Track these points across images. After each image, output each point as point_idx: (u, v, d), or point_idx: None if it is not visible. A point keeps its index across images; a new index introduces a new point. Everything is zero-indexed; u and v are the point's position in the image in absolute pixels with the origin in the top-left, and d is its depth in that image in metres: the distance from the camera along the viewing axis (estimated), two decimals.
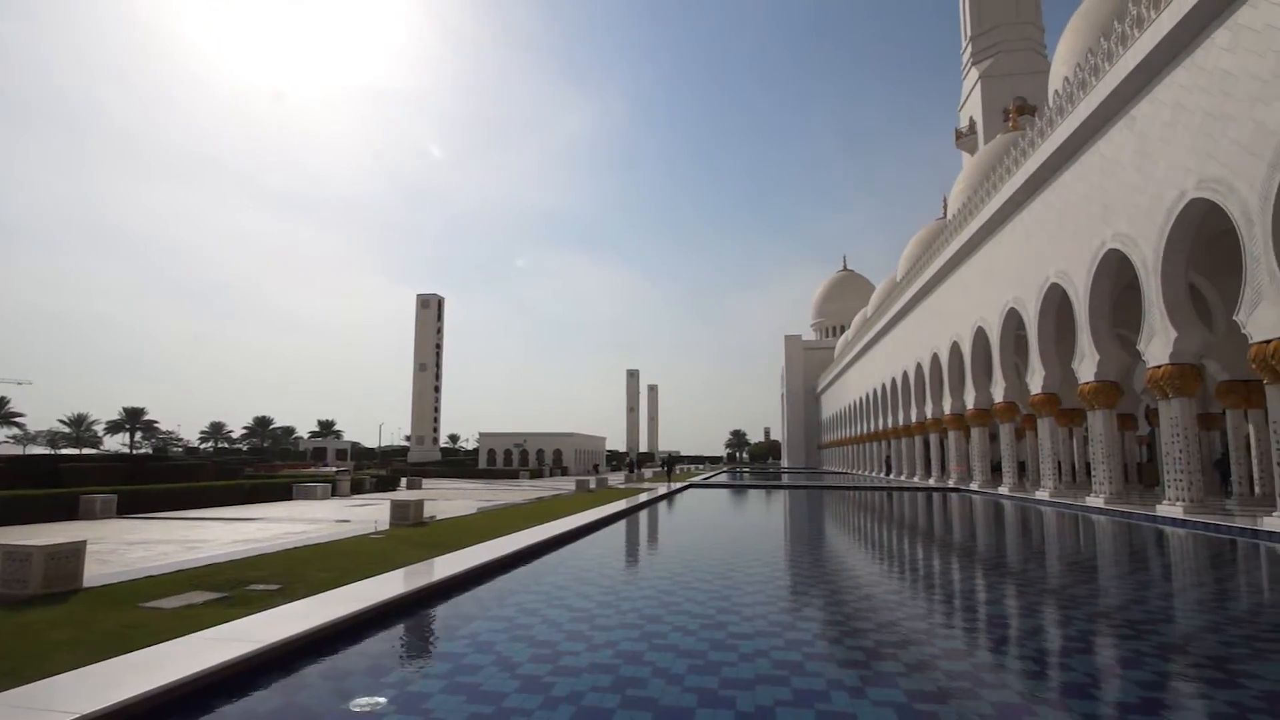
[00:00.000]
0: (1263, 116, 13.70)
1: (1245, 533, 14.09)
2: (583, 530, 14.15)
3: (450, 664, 5.40)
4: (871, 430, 57.55)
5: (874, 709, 4.45)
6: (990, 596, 8.95)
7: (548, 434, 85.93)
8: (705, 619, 6.86)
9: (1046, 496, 24.16)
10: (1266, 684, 5.04)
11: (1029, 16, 67.32)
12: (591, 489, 30.77)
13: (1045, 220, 24.31)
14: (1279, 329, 13.53)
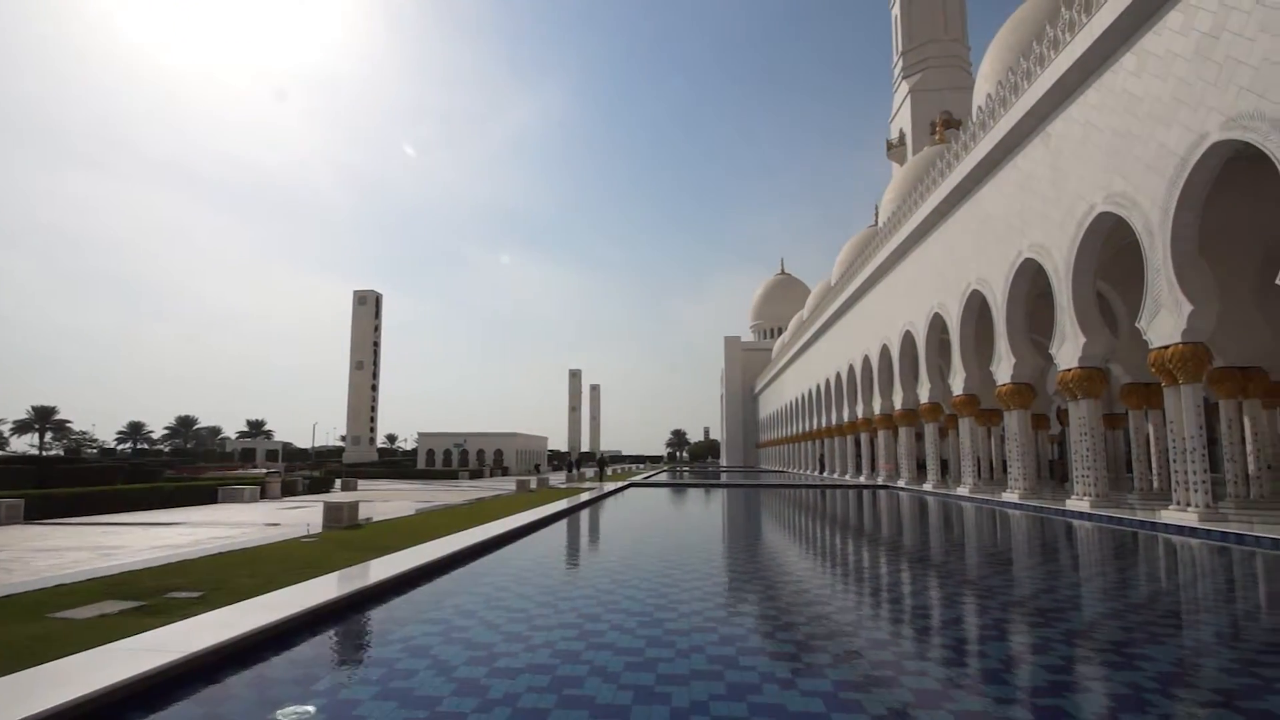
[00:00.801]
0: (1163, 137, 14.62)
1: (1145, 525, 15.01)
2: (522, 531, 14.03)
3: (383, 669, 5.29)
4: (806, 430, 58.86)
5: (803, 699, 4.57)
6: (913, 588, 9.29)
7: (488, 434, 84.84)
8: (643, 617, 6.90)
9: (966, 492, 25.19)
10: (1161, 665, 5.39)
11: (955, 34, 70.04)
12: (532, 489, 30.53)
13: (968, 230, 25.35)
14: (1176, 335, 14.46)
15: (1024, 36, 27.95)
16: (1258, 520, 14.41)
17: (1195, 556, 11.63)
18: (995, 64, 32.03)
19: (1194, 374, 14.49)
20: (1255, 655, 5.86)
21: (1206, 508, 14.16)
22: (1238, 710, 4.43)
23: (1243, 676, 5.19)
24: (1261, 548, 11.81)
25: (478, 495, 28.42)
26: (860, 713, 4.33)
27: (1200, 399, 14.82)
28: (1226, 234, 17.80)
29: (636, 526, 18.03)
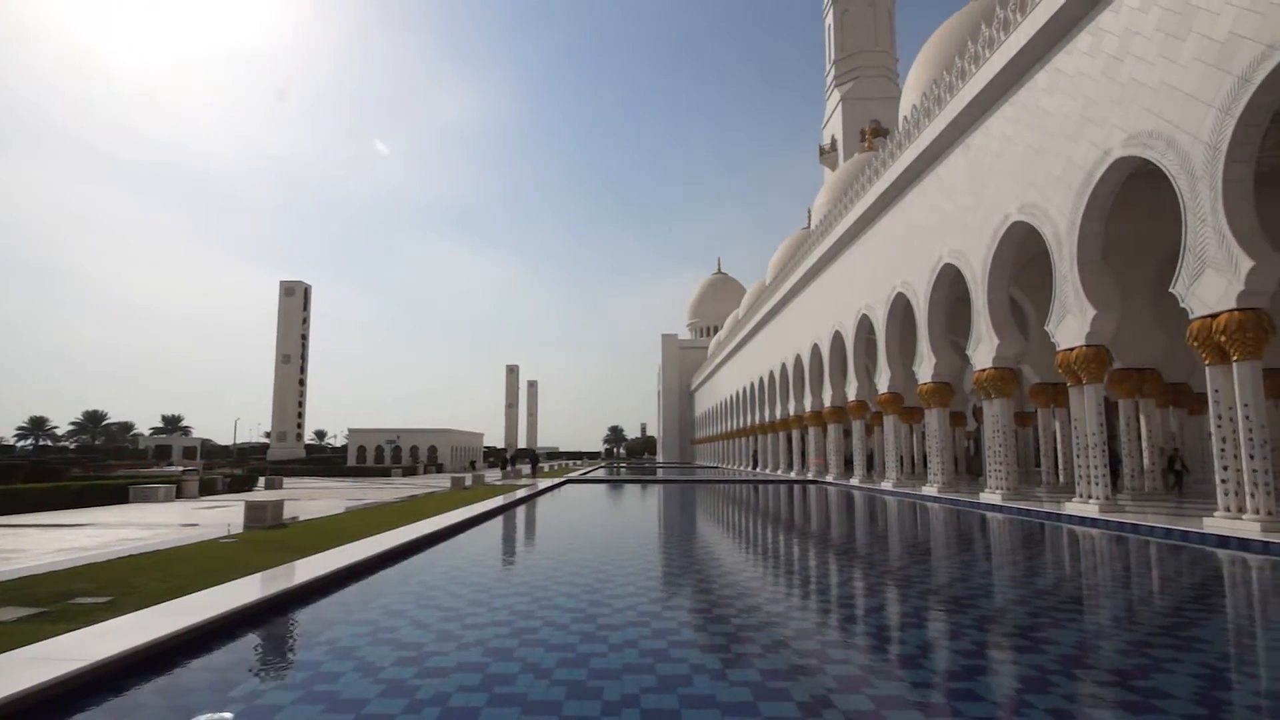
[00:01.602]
0: (1071, 152, 15.46)
1: (1051, 516, 15.86)
2: (456, 529, 13.78)
3: (307, 673, 5.11)
4: (740, 426, 59.82)
5: (731, 689, 4.65)
6: (839, 579, 9.57)
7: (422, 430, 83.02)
8: (577, 612, 6.88)
9: (890, 487, 26.10)
10: (1063, 649, 5.71)
11: (885, 46, 72.26)
12: (467, 486, 30.05)
13: (894, 235, 26.24)
14: (1080, 338, 15.33)
15: (947, 51, 29.08)
16: (1150, 511, 15.43)
17: (1095, 546, 12.37)
18: (920, 76, 33.22)
19: (1096, 375, 15.39)
20: (1147, 637, 6.27)
21: (1106, 500, 15.07)
22: (1132, 689, 4.73)
23: (1136, 657, 5.55)
24: (1154, 537, 12.65)
25: (411, 493, 27.77)
26: (786, 700, 4.43)
27: (1101, 398, 15.76)
28: (1127, 245, 18.98)
29: (573, 523, 17.98)
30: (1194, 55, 12.12)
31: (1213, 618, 7.12)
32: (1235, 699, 4.64)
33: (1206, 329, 11.90)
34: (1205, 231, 11.90)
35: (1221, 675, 5.08)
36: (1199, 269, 12.06)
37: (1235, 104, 11.28)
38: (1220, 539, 11.31)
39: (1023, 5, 16.73)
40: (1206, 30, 11.86)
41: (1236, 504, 11.60)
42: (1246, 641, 6.30)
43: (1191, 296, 12.24)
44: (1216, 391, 11.99)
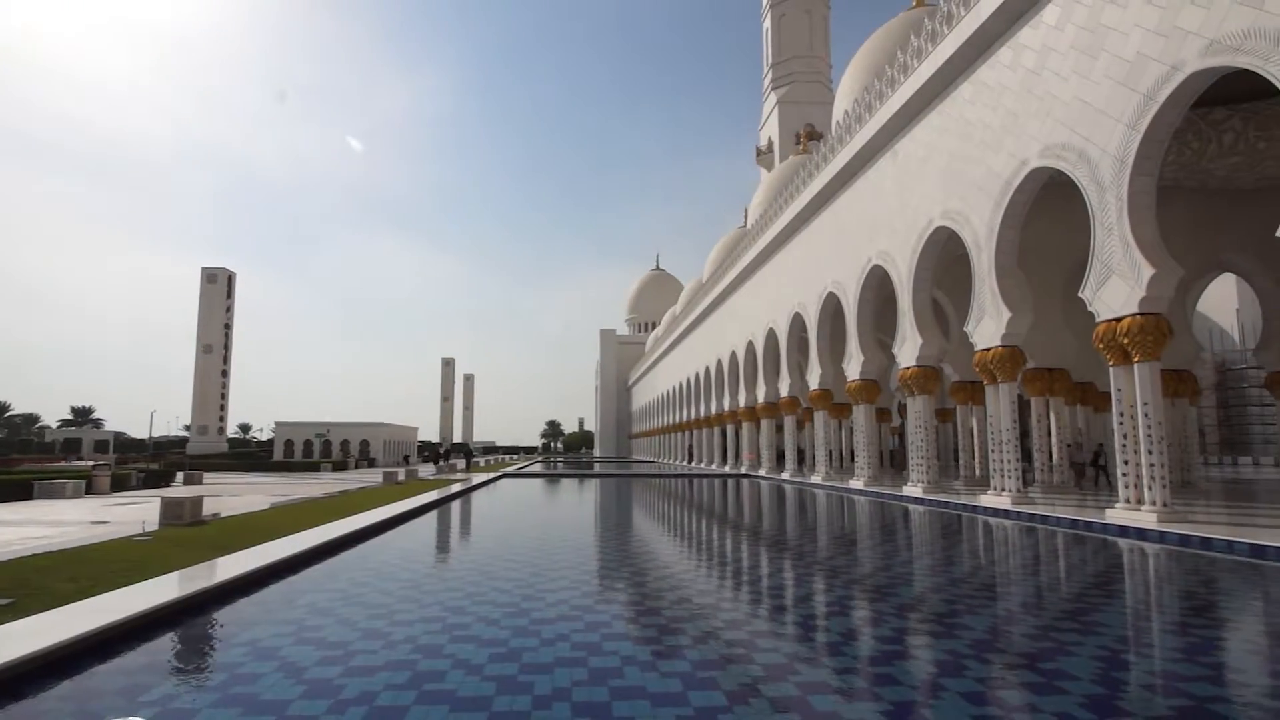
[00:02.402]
0: (991, 162, 16.15)
1: (968, 508, 16.58)
2: (387, 524, 13.44)
3: (225, 674, 4.90)
4: (677, 421, 60.32)
5: (662, 680, 4.69)
6: (769, 570, 9.77)
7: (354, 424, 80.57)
8: (509, 607, 6.81)
9: (819, 480, 26.79)
10: (975, 633, 5.98)
11: (820, 52, 73.85)
12: (400, 481, 29.31)
13: (826, 236, 26.88)
14: (996, 339, 16.05)
15: (879, 60, 29.93)
16: (1058, 503, 16.32)
17: (1008, 536, 12.99)
18: (853, 83, 34.08)
19: (1010, 374, 16.15)
20: (1053, 622, 6.62)
21: (1018, 492, 15.85)
22: (1038, 671, 4.99)
23: (1043, 641, 5.86)
24: (1060, 527, 13.38)
25: (341, 488, 26.92)
26: (715, 689, 4.49)
27: (1015, 396, 16.55)
28: (1040, 251, 19.96)
29: (508, 517, 17.78)
30: (1105, 73, 12.83)
31: (1111, 603, 7.58)
32: (1132, 679, 4.96)
33: (1111, 332, 12.63)
34: (1112, 240, 12.62)
35: (1119, 657, 5.41)
36: (1105, 275, 12.79)
37: (1141, 120, 11.99)
38: (1120, 529, 12.05)
39: (949, 18, 17.35)
40: (1117, 50, 12.57)
41: (1135, 496, 12.37)
42: (1142, 624, 6.73)
43: (1098, 301, 12.97)
44: (1119, 390, 12.75)
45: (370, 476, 39.84)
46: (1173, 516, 11.83)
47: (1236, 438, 46.93)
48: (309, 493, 24.23)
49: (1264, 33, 9.82)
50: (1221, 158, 18.64)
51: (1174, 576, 9.13)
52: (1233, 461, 45.10)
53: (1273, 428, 27.54)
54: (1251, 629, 6.66)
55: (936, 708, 4.26)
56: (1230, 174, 19.69)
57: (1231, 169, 19.32)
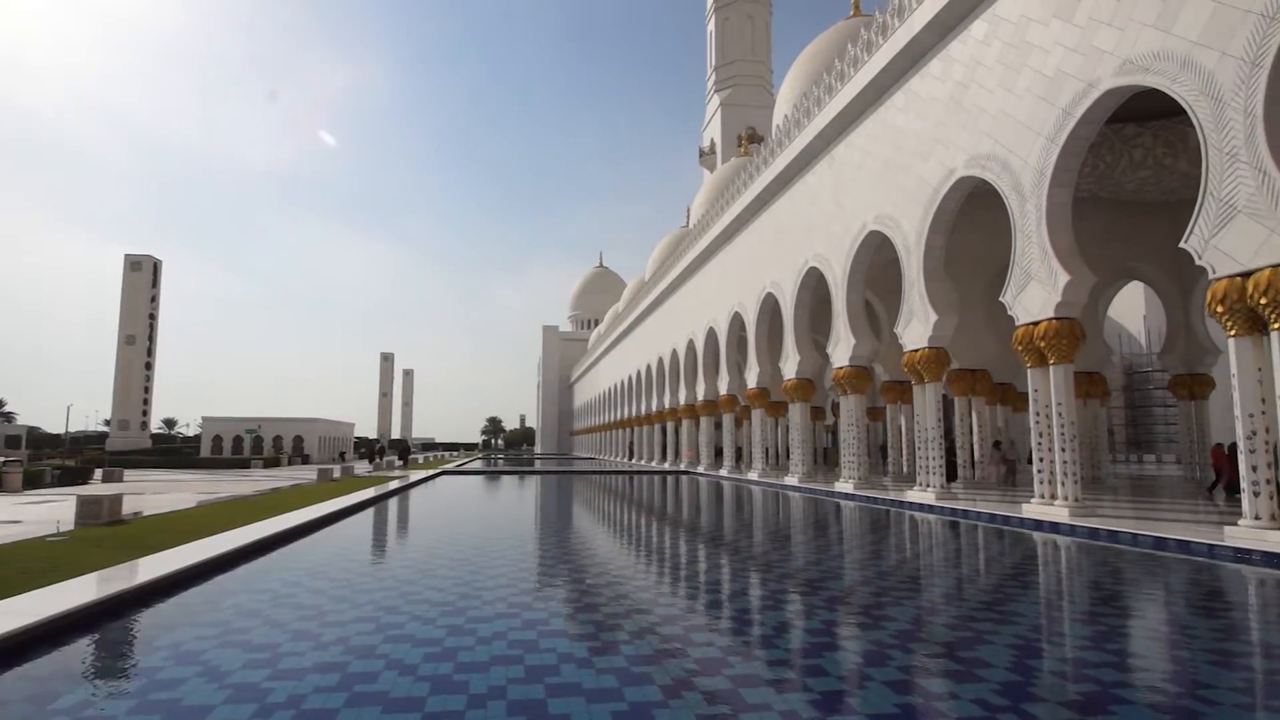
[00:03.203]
0: (921, 170, 16.70)
1: (895, 504, 17.14)
2: (320, 522, 13.02)
3: (144, 680, 4.66)
4: (618, 418, 60.37)
5: (598, 676, 4.68)
6: (706, 565, 9.88)
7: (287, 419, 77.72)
8: (445, 606, 6.69)
9: (756, 477, 27.26)
10: (899, 625, 6.19)
11: (761, 57, 75.00)
12: (335, 478, 28.44)
13: (765, 237, 27.33)
14: (923, 341, 16.62)
15: (817, 67, 30.57)
16: (979, 498, 17.03)
17: (932, 530, 13.49)
18: (792, 89, 34.72)
19: (936, 374, 16.76)
20: (973, 612, 6.91)
21: (941, 488, 16.46)
22: (956, 659, 5.20)
23: (962, 631, 6.10)
24: (981, 521, 13.97)
25: (273, 485, 25.95)
26: (649, 684, 4.51)
27: (940, 396, 17.19)
28: (966, 257, 20.75)
29: (446, 514, 17.48)
30: (1027, 87, 13.42)
31: (1026, 593, 7.96)
32: (1044, 666, 5.21)
33: (1029, 335, 13.24)
34: (1031, 248, 13.23)
35: (1032, 645, 5.68)
36: (1025, 281, 13.40)
37: (1060, 134, 12.60)
38: (1036, 523, 12.66)
39: (884, 29, 17.85)
40: (1038, 66, 13.16)
41: (1050, 491, 13.01)
42: (1054, 614, 7.09)
43: (1017, 305, 13.58)
44: (1036, 391, 13.38)
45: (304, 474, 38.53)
46: (1083, 511, 12.50)
47: (1142, 437, 49.92)
48: (238, 490, 23.28)
49: (1172, 55, 10.45)
50: (1132, 172, 19.75)
51: (1083, 568, 9.64)
52: (1138, 459, 47.98)
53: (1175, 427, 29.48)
54: (1153, 617, 7.10)
55: (862, 697, 4.40)
56: (1140, 188, 20.89)
57: (1141, 183, 20.50)
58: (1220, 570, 8.81)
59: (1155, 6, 10.74)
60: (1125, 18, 11.27)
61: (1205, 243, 9.94)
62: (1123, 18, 11.32)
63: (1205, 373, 22.13)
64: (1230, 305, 9.59)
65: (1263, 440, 9.42)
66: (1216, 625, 6.43)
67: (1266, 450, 9.40)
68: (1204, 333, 22.02)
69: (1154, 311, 42.02)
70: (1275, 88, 9.14)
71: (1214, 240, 9.81)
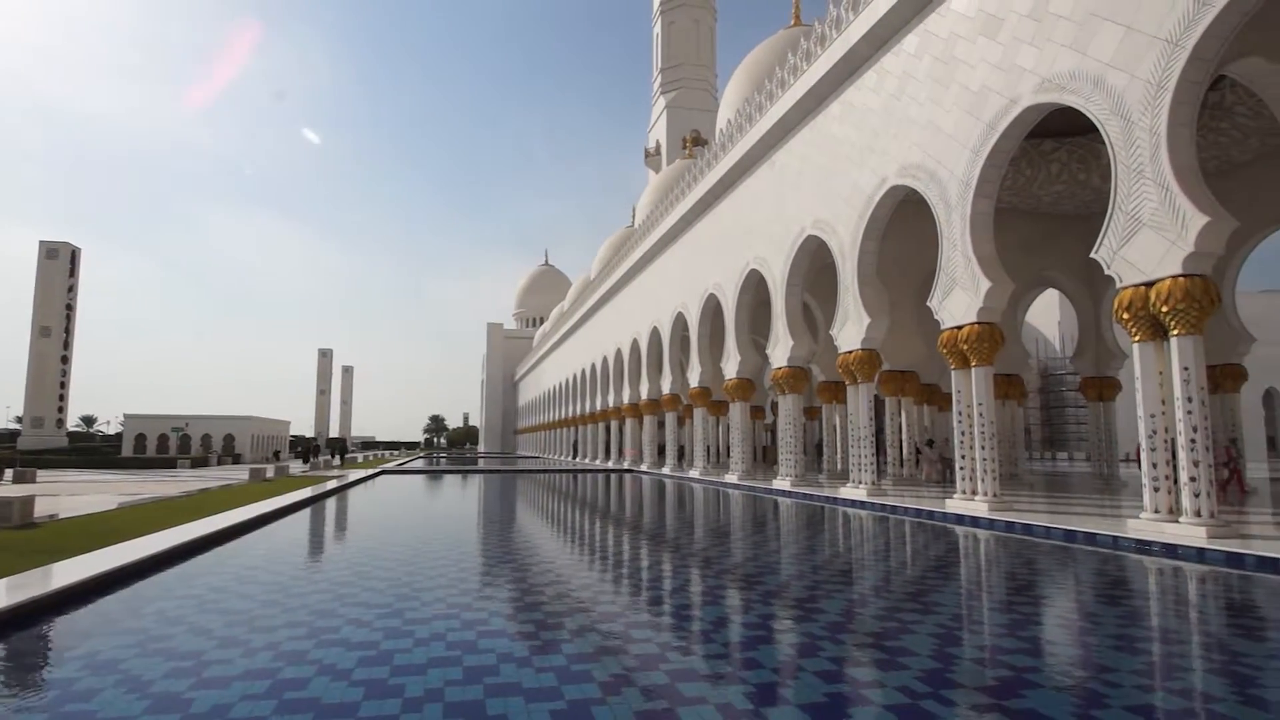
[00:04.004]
0: (856, 177, 17.17)
1: (830, 500, 17.58)
2: (252, 524, 12.52)
3: (57, 692, 4.39)
4: (562, 417, 60.06)
5: (537, 675, 4.65)
6: (647, 562, 9.93)
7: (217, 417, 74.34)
8: (383, 608, 6.53)
9: (698, 475, 27.54)
10: (830, 616, 6.36)
11: (706, 61, 75.69)
12: (268, 479, 27.39)
13: (708, 239, 27.63)
14: (857, 343, 17.10)
15: (759, 73, 31.09)
16: (908, 494, 17.63)
17: (863, 525, 13.89)
18: (735, 94, 35.20)
19: (869, 375, 17.26)
20: (899, 603, 7.15)
21: (873, 485, 16.98)
22: (883, 649, 5.37)
23: (889, 621, 6.31)
24: (908, 516, 14.47)
25: (201, 486, 24.81)
26: (589, 681, 4.51)
27: (872, 396, 17.72)
28: (897, 262, 21.46)
29: (386, 515, 17.06)
30: (954, 101, 13.96)
31: (948, 584, 8.29)
32: (964, 653, 5.43)
33: (953, 338, 13.78)
34: (956, 255, 13.77)
35: (953, 634, 5.92)
36: (950, 287, 13.93)
37: (983, 147, 13.15)
38: (958, 517, 13.19)
39: (823, 39, 18.29)
40: (965, 81, 13.70)
41: (971, 487, 13.58)
42: (973, 603, 7.40)
43: (943, 310, 14.11)
44: (959, 392, 13.93)
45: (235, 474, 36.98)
46: (1001, 506, 13.09)
47: (1056, 435, 52.59)
48: (163, 491, 22.18)
49: (1086, 75, 11.04)
50: (1049, 185, 20.78)
51: (1000, 559, 10.09)
52: (1052, 457, 50.53)
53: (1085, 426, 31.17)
54: (1062, 605, 7.49)
55: (794, 688, 4.50)
56: (1056, 200, 21.99)
57: (1057, 196, 21.59)
58: (1124, 560, 9.37)
59: (1072, 29, 11.32)
60: (1045, 38, 11.84)
61: (1113, 253, 10.54)
62: (1042, 38, 11.89)
63: (1113, 376, 23.46)
64: (1135, 312, 10.20)
65: (1162, 439, 10.05)
66: (1119, 612, 6.83)
67: (1166, 448, 10.03)
68: (1112, 338, 23.34)
69: (1067, 317, 44.35)
70: (1178, 110, 9.77)
71: (1121, 251, 10.41)
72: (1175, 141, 9.78)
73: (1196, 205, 9.48)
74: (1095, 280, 22.85)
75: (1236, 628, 6.42)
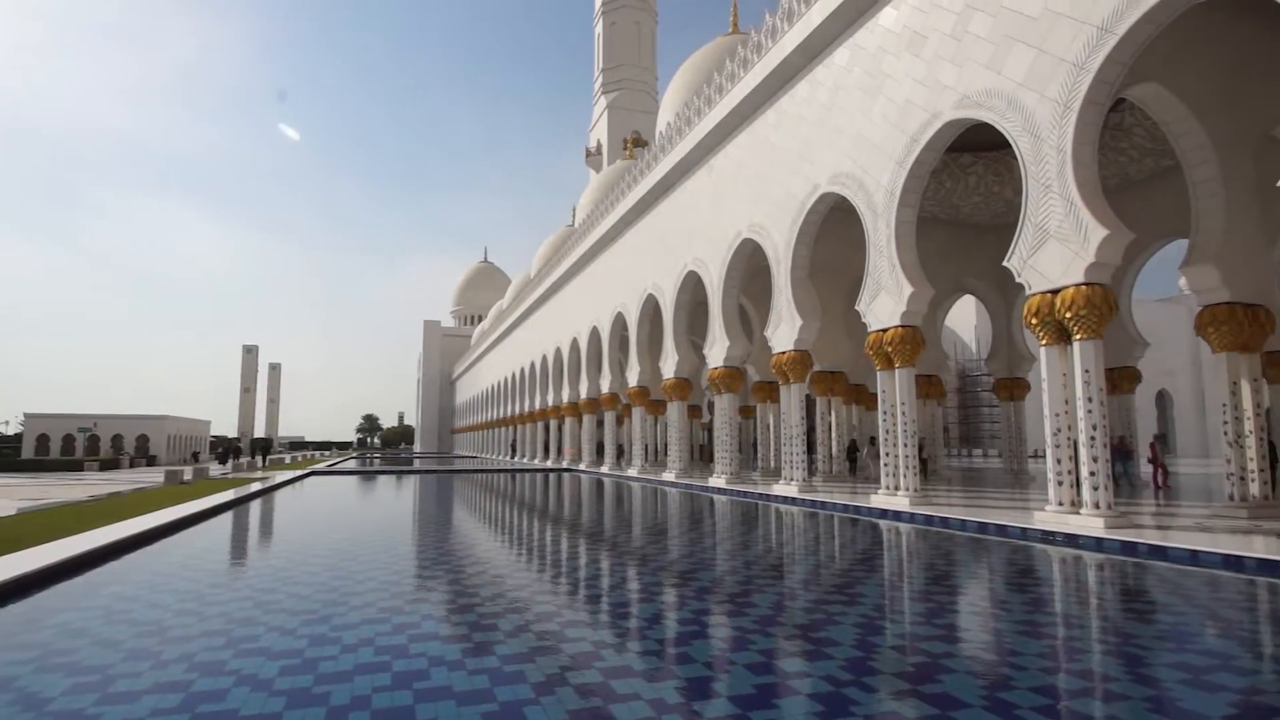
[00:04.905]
0: (790, 183, 17.56)
1: (763, 497, 17.93)
2: (166, 529, 11.86)
3: None
4: (501, 416, 59.25)
5: (469, 678, 4.57)
6: (584, 560, 9.90)
7: (129, 416, 70.27)
8: (308, 615, 6.29)
9: (636, 473, 27.63)
10: (761, 610, 6.48)
11: (647, 63, 76.08)
12: (186, 481, 26.00)
13: (648, 240, 27.76)
14: (789, 344, 17.50)
15: (698, 78, 31.43)
16: (837, 491, 18.15)
17: (794, 521, 14.22)
18: (675, 97, 35.49)
19: (801, 375, 17.69)
20: (825, 595, 7.35)
21: (803, 481, 17.41)
22: (809, 640, 5.50)
23: (816, 614, 6.48)
24: (836, 511, 14.90)
25: (111, 490, 23.34)
26: (522, 683, 4.46)
27: (804, 395, 18.16)
28: (828, 266, 22.04)
29: (314, 518, 16.45)
30: (881, 114, 14.44)
31: (871, 576, 8.57)
32: (885, 641, 5.62)
33: (879, 340, 14.26)
34: (882, 261, 14.25)
35: (874, 623, 6.12)
36: (876, 291, 14.41)
37: (907, 158, 13.65)
38: (881, 511, 13.66)
39: (759, 48, 18.63)
40: (891, 94, 14.20)
41: (894, 483, 14.08)
42: (894, 594, 7.67)
43: (870, 313, 14.59)
44: (884, 392, 14.43)
45: (150, 476, 35.00)
46: (921, 500, 13.62)
47: (972, 433, 55.13)
48: (69, 495, 20.78)
49: (1001, 93, 11.59)
50: (967, 196, 21.75)
51: (920, 551, 10.51)
52: (969, 453, 52.93)
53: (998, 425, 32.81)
54: (975, 594, 7.85)
55: (725, 681, 4.56)
56: (973, 211, 23.04)
57: (974, 207, 22.61)
58: (1031, 550, 9.89)
59: (989, 49, 11.88)
60: (964, 57, 12.39)
61: (1023, 263, 11.12)
62: (962, 57, 12.44)
63: (1023, 377, 24.74)
64: (1042, 318, 10.78)
65: (1065, 436, 10.66)
66: (1025, 599, 7.21)
67: (1069, 445, 10.65)
68: (1022, 342, 24.60)
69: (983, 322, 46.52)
70: (1083, 129, 10.37)
71: (1030, 260, 10.99)
72: (1080, 159, 10.39)
73: (1098, 219, 10.10)
74: (1007, 287, 24.03)
75: (1129, 611, 6.87)
